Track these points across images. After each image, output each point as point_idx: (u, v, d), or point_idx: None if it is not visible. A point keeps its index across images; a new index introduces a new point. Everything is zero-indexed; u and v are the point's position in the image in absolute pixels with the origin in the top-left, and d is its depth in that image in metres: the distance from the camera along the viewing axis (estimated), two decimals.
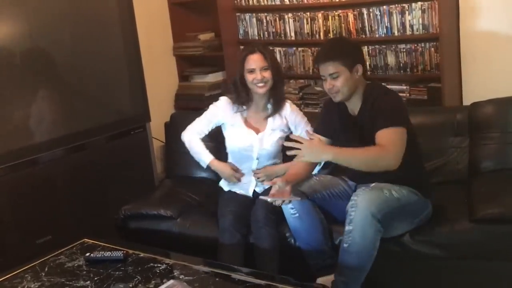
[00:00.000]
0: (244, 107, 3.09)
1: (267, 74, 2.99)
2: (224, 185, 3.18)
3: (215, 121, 3.17)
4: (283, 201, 2.59)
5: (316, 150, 2.49)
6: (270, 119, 3.08)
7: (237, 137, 3.09)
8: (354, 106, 2.70)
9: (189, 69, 4.54)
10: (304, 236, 2.72)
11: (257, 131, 3.08)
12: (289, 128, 3.10)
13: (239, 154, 3.10)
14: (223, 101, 3.17)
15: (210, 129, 3.19)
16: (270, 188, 2.72)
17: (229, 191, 3.12)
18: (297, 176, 2.73)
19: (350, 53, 2.65)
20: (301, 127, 3.07)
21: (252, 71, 2.98)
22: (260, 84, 2.98)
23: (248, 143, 3.06)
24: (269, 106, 3.09)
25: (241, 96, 3.06)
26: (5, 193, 3.05)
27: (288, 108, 3.10)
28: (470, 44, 3.55)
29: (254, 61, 2.99)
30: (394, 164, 2.46)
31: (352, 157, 2.50)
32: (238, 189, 3.10)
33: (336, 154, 2.48)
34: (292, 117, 3.09)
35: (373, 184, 2.58)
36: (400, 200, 2.53)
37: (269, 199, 2.60)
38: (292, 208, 2.68)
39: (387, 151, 2.47)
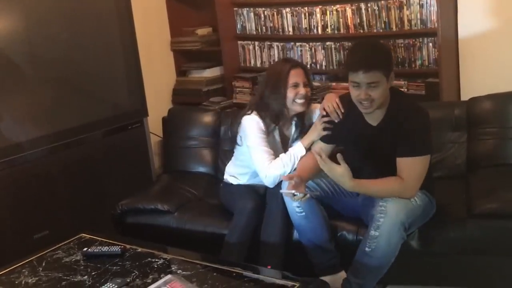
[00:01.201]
0: (273, 125, 2.90)
1: (308, 91, 2.87)
2: (241, 178, 3.02)
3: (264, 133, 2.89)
4: (304, 195, 2.52)
5: (338, 173, 2.43)
6: (292, 127, 2.95)
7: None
8: (375, 117, 2.55)
9: (187, 64, 4.53)
10: (310, 235, 2.69)
11: (287, 142, 2.95)
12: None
13: None
14: (252, 118, 2.89)
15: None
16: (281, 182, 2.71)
17: (246, 184, 3.00)
18: (310, 171, 2.69)
19: (388, 60, 2.49)
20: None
21: (296, 85, 2.82)
22: (301, 101, 2.82)
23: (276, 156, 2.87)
24: (293, 124, 2.95)
25: (272, 113, 2.86)
26: (2, 189, 3.04)
27: (317, 112, 2.91)
28: (468, 39, 3.55)
29: (298, 75, 2.83)
30: (411, 196, 2.47)
31: (373, 188, 2.48)
32: (253, 182, 3.00)
33: (354, 188, 2.48)
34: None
35: None
36: (421, 206, 2.52)
37: (291, 192, 2.50)
38: (298, 207, 2.66)
39: (406, 186, 2.44)
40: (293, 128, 2.96)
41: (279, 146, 2.93)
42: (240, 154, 3.01)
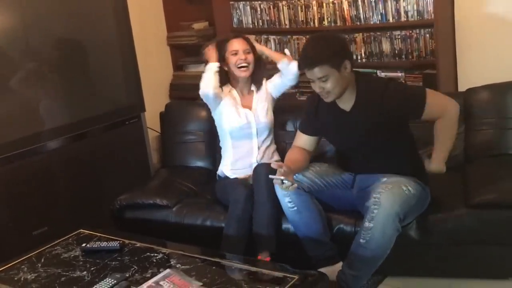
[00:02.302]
0: (230, 89, 3.17)
1: (250, 57, 3.10)
2: (227, 171, 3.12)
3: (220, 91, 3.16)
4: (292, 184, 2.51)
5: (440, 167, 2.59)
6: (255, 95, 3.17)
7: (235, 116, 3.10)
8: (347, 102, 2.60)
9: (184, 58, 4.51)
10: (303, 229, 2.70)
11: (250, 108, 3.14)
12: (272, 98, 3.21)
13: (239, 132, 3.10)
14: None
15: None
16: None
17: (235, 178, 3.07)
18: (298, 163, 2.70)
19: (336, 52, 2.50)
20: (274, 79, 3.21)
21: (235, 53, 3.08)
22: (243, 67, 3.08)
23: (246, 120, 3.10)
24: (253, 87, 3.19)
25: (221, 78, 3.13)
26: (0, 185, 3.04)
27: (265, 82, 3.21)
28: (465, 30, 3.54)
29: (238, 43, 3.11)
30: (459, 107, 2.59)
31: (448, 143, 2.61)
32: (241, 174, 3.07)
33: (439, 164, 2.60)
34: (269, 85, 3.20)
35: (384, 179, 2.56)
36: (415, 195, 2.53)
37: (280, 178, 2.49)
38: (290, 202, 2.67)
39: (448, 110, 2.56)
40: (253, 88, 3.19)
41: (240, 105, 3.14)
42: (221, 140, 3.23)
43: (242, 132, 3.10)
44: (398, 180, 2.54)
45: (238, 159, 3.11)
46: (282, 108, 3.28)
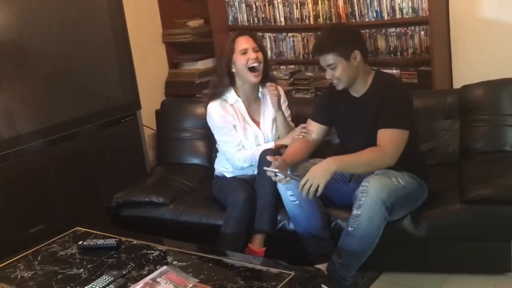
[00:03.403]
0: (237, 99, 2.97)
1: (260, 56, 2.89)
2: (227, 173, 3.07)
3: (232, 124, 2.96)
4: (285, 177, 2.54)
5: (320, 171, 2.49)
6: (262, 104, 3.02)
7: (243, 140, 2.96)
8: (358, 89, 2.69)
9: (179, 56, 4.52)
10: (304, 223, 2.70)
11: (257, 121, 3.00)
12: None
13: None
14: (214, 107, 2.97)
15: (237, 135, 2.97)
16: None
17: (234, 177, 3.03)
18: (296, 155, 2.71)
19: (345, 41, 2.60)
20: (284, 106, 3.03)
21: (245, 52, 2.86)
22: (254, 69, 2.85)
23: (255, 142, 2.97)
24: (260, 89, 3.02)
25: (223, 84, 2.92)
26: None
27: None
28: (460, 27, 3.55)
29: (246, 41, 2.89)
30: (391, 164, 2.53)
31: (354, 162, 2.55)
32: (241, 175, 3.02)
33: (340, 164, 2.52)
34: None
35: (377, 171, 2.58)
36: (405, 187, 2.55)
37: (274, 171, 2.51)
38: (292, 195, 2.67)
39: (385, 153, 2.52)
40: (262, 108, 3.00)
41: (249, 121, 2.97)
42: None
43: (249, 147, 2.99)
44: (389, 171, 2.57)
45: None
46: None
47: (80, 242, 2.55)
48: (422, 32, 3.55)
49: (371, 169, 2.56)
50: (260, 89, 3.02)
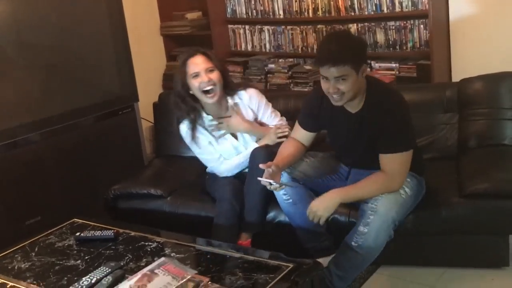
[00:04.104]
0: (205, 116, 2.91)
1: (214, 76, 2.80)
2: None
3: (207, 141, 2.95)
4: (280, 186, 2.51)
5: (324, 204, 2.46)
6: (234, 114, 2.93)
7: (224, 151, 2.95)
8: (353, 105, 2.50)
9: (177, 48, 4.50)
10: (299, 220, 2.68)
11: (235, 135, 2.96)
12: (254, 112, 2.98)
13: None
14: (183, 129, 2.97)
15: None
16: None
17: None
18: (288, 159, 2.65)
19: (358, 54, 2.41)
20: (262, 111, 2.98)
21: (196, 75, 2.79)
22: (209, 93, 2.79)
23: (235, 151, 2.96)
24: (229, 101, 2.93)
25: (189, 105, 2.86)
26: None
27: (246, 97, 2.96)
28: (459, 21, 3.55)
29: (196, 63, 2.80)
30: (398, 189, 2.45)
31: (360, 193, 2.47)
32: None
33: (344, 197, 2.46)
34: (252, 103, 2.96)
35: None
36: (411, 195, 2.51)
37: (268, 181, 2.47)
38: (285, 194, 2.66)
39: (392, 179, 2.44)
40: (229, 103, 2.92)
41: (228, 136, 2.94)
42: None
43: (230, 157, 2.98)
44: None
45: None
46: (276, 98, 3.27)
47: (78, 234, 2.54)
48: (422, 26, 3.54)
49: (378, 195, 2.43)
50: (229, 100, 2.93)
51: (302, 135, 2.72)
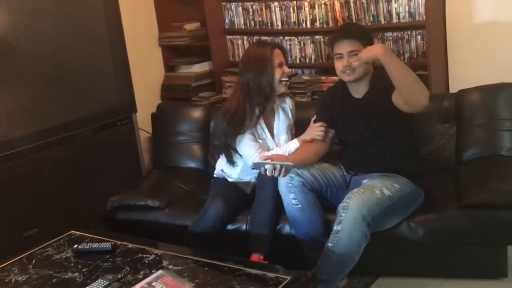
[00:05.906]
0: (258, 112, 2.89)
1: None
2: (232, 173, 3.01)
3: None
4: (280, 171, 2.48)
5: (377, 46, 2.56)
6: (276, 116, 2.98)
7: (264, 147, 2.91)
8: (360, 90, 2.74)
9: (175, 59, 4.51)
10: (306, 227, 2.68)
11: (272, 135, 2.96)
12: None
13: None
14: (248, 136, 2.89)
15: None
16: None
17: (234, 183, 3.00)
18: (302, 159, 2.70)
19: (367, 34, 2.77)
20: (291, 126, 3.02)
21: (281, 64, 2.87)
22: (286, 79, 2.90)
23: (267, 148, 2.93)
24: (277, 115, 3.00)
25: (260, 99, 2.85)
26: None
27: (290, 104, 3.04)
28: (456, 32, 3.56)
29: (280, 55, 2.90)
30: (426, 100, 2.47)
31: (401, 65, 2.50)
32: (240, 183, 2.99)
33: (389, 52, 2.50)
34: (291, 112, 3.04)
35: (365, 181, 2.60)
36: (392, 197, 2.54)
37: (266, 162, 2.48)
38: (294, 199, 2.66)
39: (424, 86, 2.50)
40: (277, 118, 2.98)
41: (268, 135, 2.94)
42: None
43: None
44: (373, 184, 2.57)
45: (245, 170, 2.95)
46: None
47: (75, 246, 2.53)
48: (419, 37, 3.55)
49: (410, 85, 2.45)
50: (277, 101, 3.00)
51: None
